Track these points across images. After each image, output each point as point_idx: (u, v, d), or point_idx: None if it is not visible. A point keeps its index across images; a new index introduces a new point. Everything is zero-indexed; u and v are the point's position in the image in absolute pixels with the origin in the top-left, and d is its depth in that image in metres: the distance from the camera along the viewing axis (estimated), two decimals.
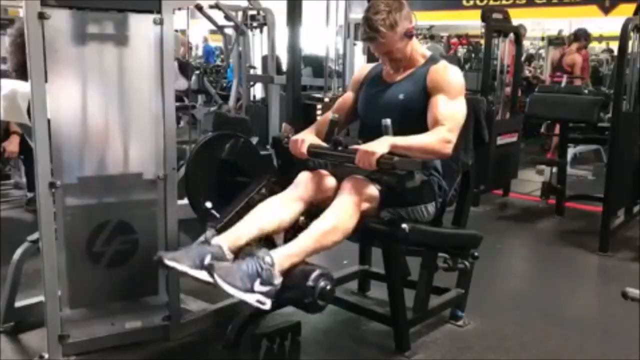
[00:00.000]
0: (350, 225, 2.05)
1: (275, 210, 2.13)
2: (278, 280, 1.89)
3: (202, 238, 2.06)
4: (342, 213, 2.04)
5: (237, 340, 2.41)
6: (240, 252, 2.01)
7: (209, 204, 2.34)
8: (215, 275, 1.80)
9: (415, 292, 2.56)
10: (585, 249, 3.87)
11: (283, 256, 1.93)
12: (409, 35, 2.28)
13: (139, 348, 2.40)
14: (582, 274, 3.61)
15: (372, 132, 2.23)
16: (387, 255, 2.35)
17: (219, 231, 2.10)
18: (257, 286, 1.84)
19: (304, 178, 2.22)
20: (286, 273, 1.92)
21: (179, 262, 1.90)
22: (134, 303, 2.47)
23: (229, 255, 1.97)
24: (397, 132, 2.15)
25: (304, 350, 2.38)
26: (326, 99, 2.84)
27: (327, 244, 2.02)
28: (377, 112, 2.35)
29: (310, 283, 1.87)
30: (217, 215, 2.26)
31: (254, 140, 3.24)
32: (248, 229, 2.06)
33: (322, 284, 1.90)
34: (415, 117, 2.26)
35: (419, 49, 2.39)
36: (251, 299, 1.84)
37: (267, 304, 1.87)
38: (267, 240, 2.14)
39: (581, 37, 7.21)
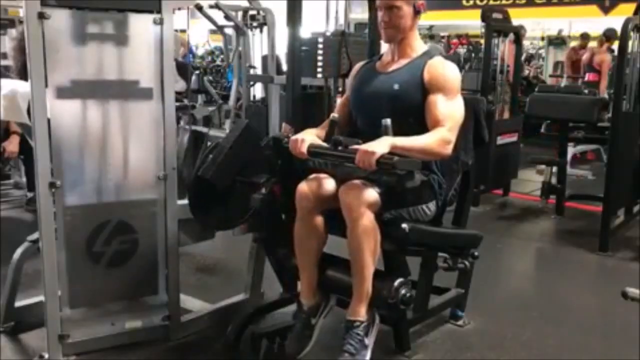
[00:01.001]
0: (377, 239, 2.10)
1: (308, 245, 2.25)
2: (369, 319, 2.14)
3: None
4: (366, 239, 2.07)
5: (237, 340, 2.41)
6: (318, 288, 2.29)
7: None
8: None
9: (415, 292, 2.55)
10: (585, 249, 3.87)
11: (359, 306, 2.12)
12: (417, 8, 2.29)
13: (139, 348, 2.40)
14: (582, 274, 3.61)
15: (364, 123, 2.29)
16: (387, 255, 2.35)
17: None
18: (368, 341, 2.12)
19: (302, 192, 2.21)
20: (369, 306, 2.13)
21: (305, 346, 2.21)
22: (134, 303, 2.48)
23: (314, 302, 2.28)
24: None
25: None
26: (327, 33, 2.76)
27: (373, 268, 2.13)
28: (369, 100, 2.36)
29: (391, 299, 2.13)
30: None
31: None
32: (310, 279, 2.27)
33: (402, 291, 2.13)
34: (408, 109, 2.26)
35: (419, 40, 2.39)
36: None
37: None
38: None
39: (611, 37, 7.33)
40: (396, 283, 2.12)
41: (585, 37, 8.67)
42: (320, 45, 2.65)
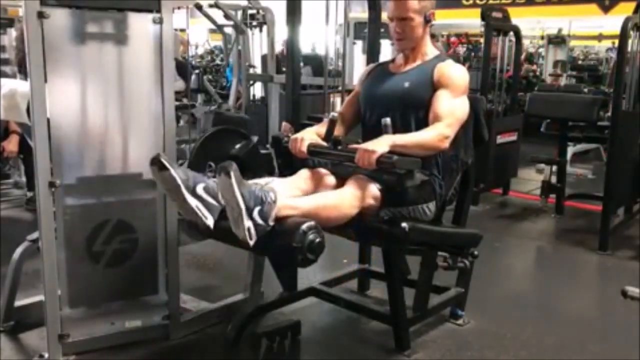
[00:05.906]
0: (349, 212, 2.07)
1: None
2: (272, 221, 1.86)
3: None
4: (345, 198, 2.07)
5: (237, 340, 2.41)
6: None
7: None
8: (232, 175, 1.80)
9: (415, 291, 2.56)
10: (584, 248, 3.87)
11: (284, 204, 1.92)
12: (427, 18, 2.33)
13: (139, 347, 2.40)
14: (581, 273, 3.61)
15: (374, 120, 2.31)
16: (387, 254, 2.35)
17: None
18: (256, 213, 1.83)
19: (304, 174, 2.25)
20: (280, 220, 1.90)
21: (175, 170, 1.90)
22: (134, 302, 2.48)
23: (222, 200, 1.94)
24: (399, 120, 2.21)
25: (303, 349, 2.39)
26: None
27: (324, 216, 1.99)
28: (380, 98, 2.39)
29: (301, 230, 1.84)
30: None
31: (254, 139, 3.25)
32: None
33: (311, 236, 1.85)
34: (417, 104, 2.30)
35: (430, 45, 2.43)
36: (246, 223, 1.81)
37: (252, 240, 1.84)
38: None
39: None
40: (308, 224, 1.86)
41: None
42: None
